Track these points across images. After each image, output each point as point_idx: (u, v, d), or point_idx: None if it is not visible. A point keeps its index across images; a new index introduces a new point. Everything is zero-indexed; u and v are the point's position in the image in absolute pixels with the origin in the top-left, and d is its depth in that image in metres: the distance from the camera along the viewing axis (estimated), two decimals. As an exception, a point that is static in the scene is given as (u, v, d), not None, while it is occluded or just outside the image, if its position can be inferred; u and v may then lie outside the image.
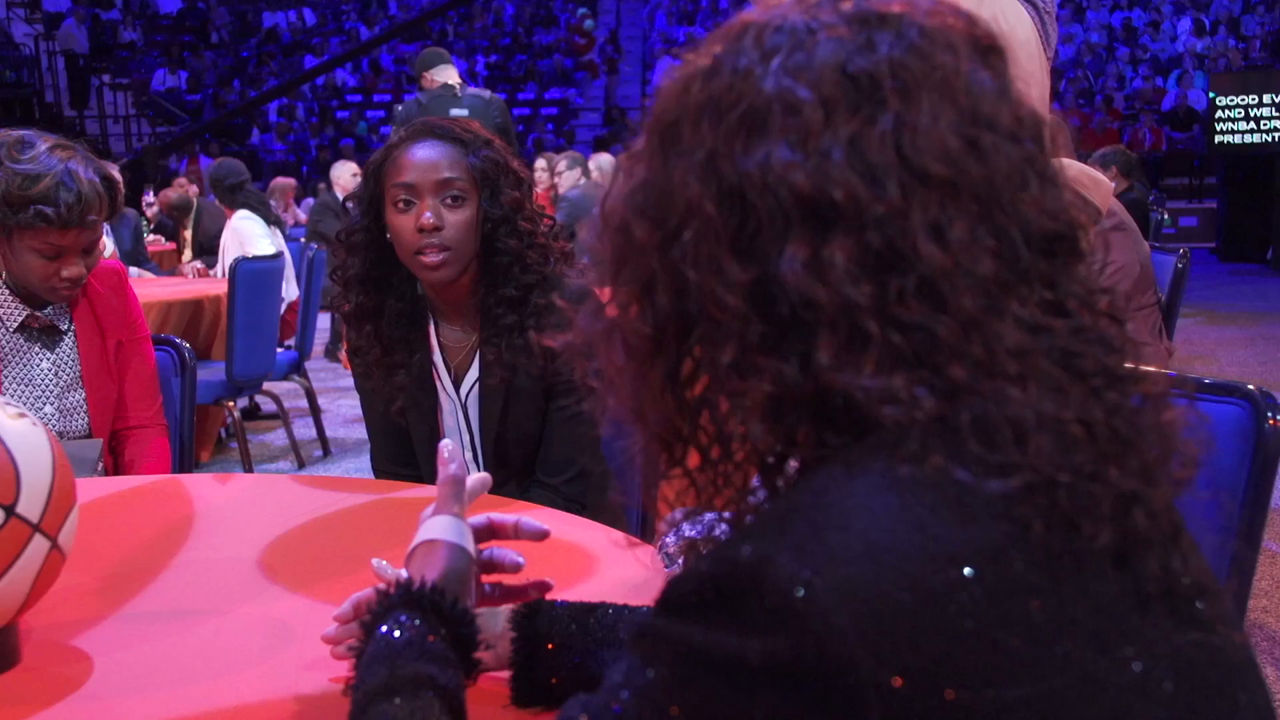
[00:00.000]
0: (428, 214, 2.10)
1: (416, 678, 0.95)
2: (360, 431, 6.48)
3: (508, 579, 1.26)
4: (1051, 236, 0.77)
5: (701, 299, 0.79)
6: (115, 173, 2.33)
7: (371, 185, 2.18)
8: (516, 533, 1.25)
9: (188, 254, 7.93)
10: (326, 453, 6.06)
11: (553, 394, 2.23)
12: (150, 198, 10.44)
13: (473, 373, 2.26)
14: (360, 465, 5.77)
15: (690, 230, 0.79)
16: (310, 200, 12.61)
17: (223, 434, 6.15)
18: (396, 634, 1.00)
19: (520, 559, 1.24)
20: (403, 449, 2.37)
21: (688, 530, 1.45)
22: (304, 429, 6.18)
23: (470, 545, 1.15)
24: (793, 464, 0.83)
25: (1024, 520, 0.69)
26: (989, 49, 0.81)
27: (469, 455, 2.31)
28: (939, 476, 0.70)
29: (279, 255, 5.84)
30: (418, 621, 1.01)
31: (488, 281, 2.20)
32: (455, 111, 6.04)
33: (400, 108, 7.00)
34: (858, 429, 0.75)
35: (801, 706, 0.66)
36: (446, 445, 1.22)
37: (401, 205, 2.12)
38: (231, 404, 5.26)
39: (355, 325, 2.23)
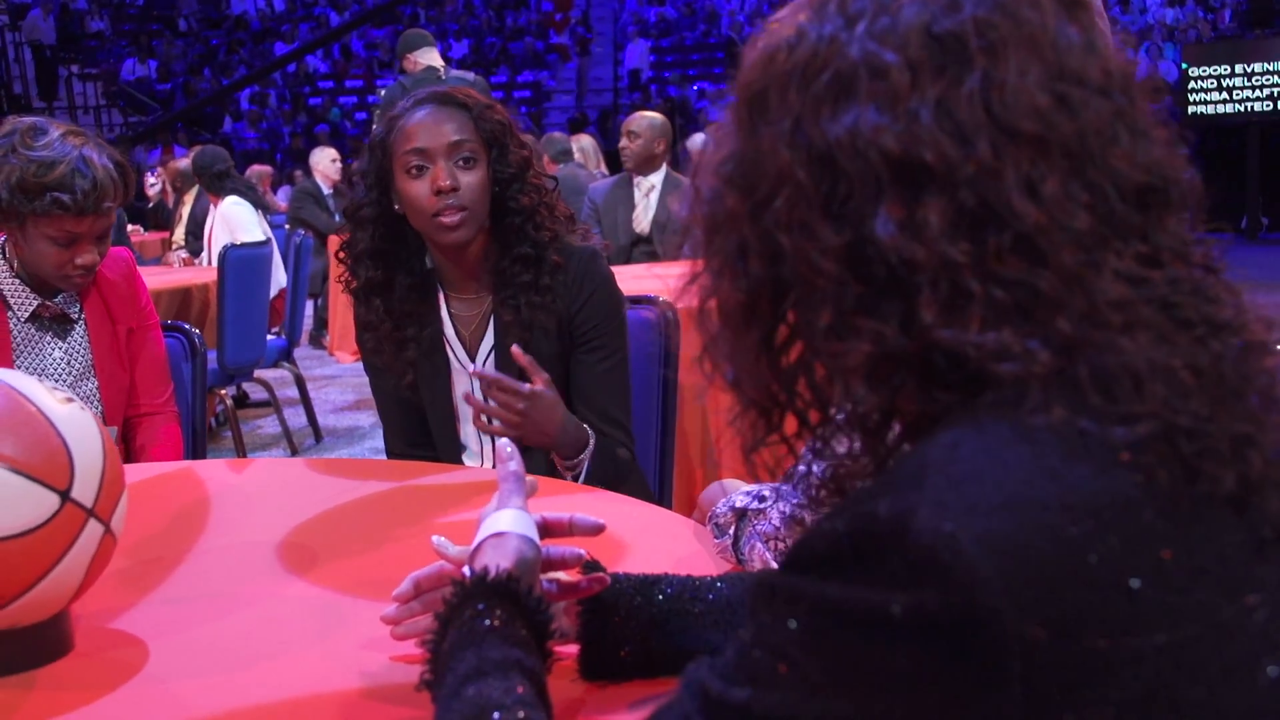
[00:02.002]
0: (444, 176, 2.09)
1: (505, 660, 0.95)
2: (350, 419, 6.48)
3: (564, 575, 1.25)
4: (1144, 189, 0.77)
5: (796, 264, 0.79)
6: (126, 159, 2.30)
7: (378, 157, 2.16)
8: (571, 529, 1.23)
9: (180, 231, 7.84)
10: (319, 439, 6.03)
11: (574, 351, 2.24)
12: (153, 177, 10.36)
13: (488, 340, 2.25)
14: (353, 452, 5.75)
15: (782, 197, 0.80)
16: (287, 187, 12.56)
17: (213, 422, 6.12)
18: (479, 622, 0.99)
19: (581, 551, 1.23)
20: (417, 430, 2.36)
21: (738, 501, 1.46)
22: (292, 417, 6.15)
23: (537, 538, 1.15)
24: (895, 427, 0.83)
25: (1149, 468, 0.69)
26: (1073, 2, 0.81)
27: None
28: (1066, 428, 0.70)
29: (267, 242, 5.81)
30: (498, 610, 1.01)
31: (500, 243, 2.20)
32: (440, 94, 6.00)
33: (385, 92, 6.96)
34: (969, 386, 0.75)
35: (943, 659, 0.67)
36: (506, 444, 1.22)
37: (414, 171, 2.11)
38: (223, 392, 5.23)
39: (364, 300, 2.21)
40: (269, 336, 5.76)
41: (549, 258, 2.17)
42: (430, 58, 6.62)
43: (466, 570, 1.11)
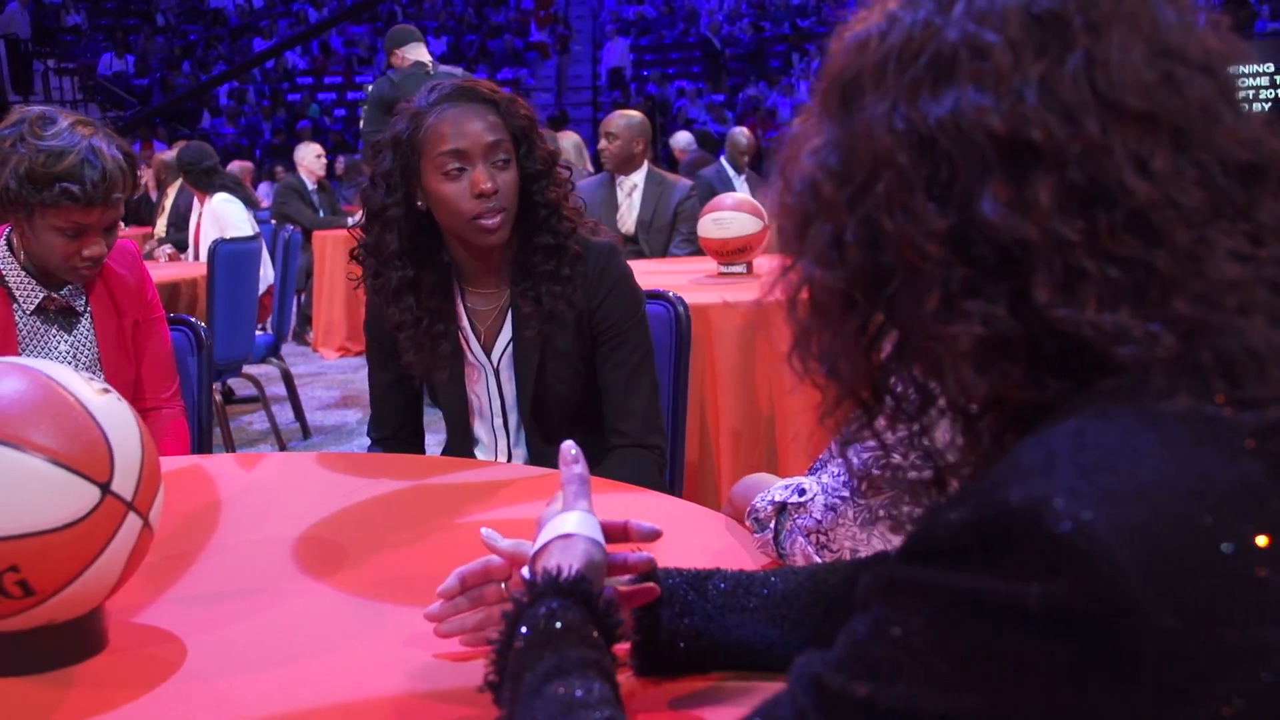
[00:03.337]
0: (485, 180, 2.07)
1: (584, 660, 0.94)
2: (337, 416, 6.43)
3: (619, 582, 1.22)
4: (1247, 167, 0.77)
5: (899, 249, 0.78)
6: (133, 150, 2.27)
7: (405, 156, 2.12)
8: (626, 535, 1.21)
9: (162, 222, 7.77)
10: (306, 436, 5.99)
11: (598, 350, 2.23)
12: (141, 169, 10.28)
13: (505, 334, 2.24)
14: (342, 449, 5.71)
15: (882, 182, 0.79)
16: (267, 184, 12.49)
17: (199, 419, 6.06)
18: (553, 622, 0.98)
19: (651, 556, 1.20)
20: (399, 422, 2.37)
21: (777, 495, 1.45)
22: (278, 413, 6.09)
23: (603, 541, 1.13)
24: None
25: (1275, 454, 0.68)
26: None
27: (499, 422, 2.28)
28: (1193, 414, 0.69)
29: (257, 237, 5.76)
30: (571, 611, 0.99)
31: (521, 236, 2.18)
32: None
33: (372, 87, 6.92)
34: (1080, 373, 0.74)
35: (1077, 650, 0.65)
36: (570, 446, 1.19)
37: (454, 173, 2.08)
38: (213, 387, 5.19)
39: (395, 300, 2.18)
40: (256, 332, 5.72)
41: (570, 248, 2.16)
42: (418, 53, 6.59)
43: (525, 571, 1.09)
